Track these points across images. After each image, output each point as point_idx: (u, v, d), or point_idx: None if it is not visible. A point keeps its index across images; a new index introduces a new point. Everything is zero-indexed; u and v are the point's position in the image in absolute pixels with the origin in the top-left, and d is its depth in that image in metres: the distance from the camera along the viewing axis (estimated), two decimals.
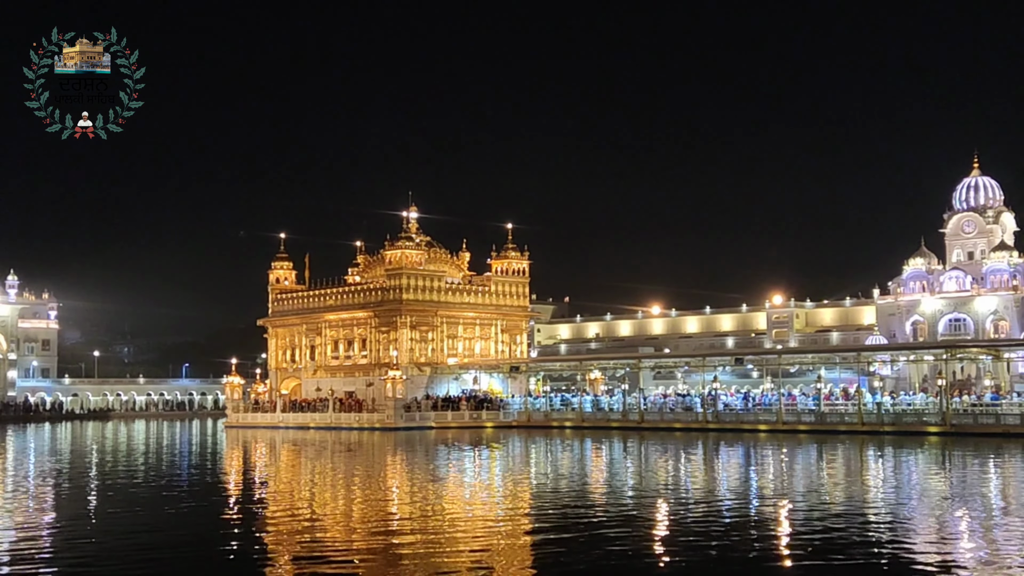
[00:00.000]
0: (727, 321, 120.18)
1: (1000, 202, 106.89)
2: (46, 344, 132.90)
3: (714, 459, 40.94)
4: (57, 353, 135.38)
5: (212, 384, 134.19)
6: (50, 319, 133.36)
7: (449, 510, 24.54)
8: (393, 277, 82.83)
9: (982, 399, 60.37)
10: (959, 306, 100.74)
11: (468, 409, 76.10)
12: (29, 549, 18.73)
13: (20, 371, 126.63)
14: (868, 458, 40.28)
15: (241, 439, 63.41)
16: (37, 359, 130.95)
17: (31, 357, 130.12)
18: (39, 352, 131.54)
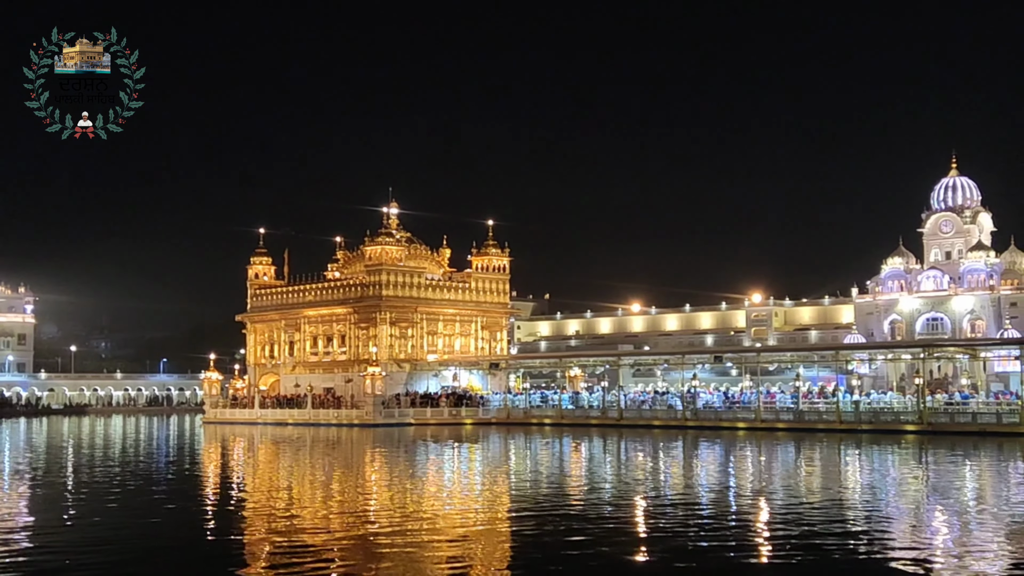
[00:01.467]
0: (707, 319, 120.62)
1: (977, 202, 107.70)
2: (22, 338, 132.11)
3: (693, 457, 41.04)
4: (33, 347, 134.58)
5: (190, 379, 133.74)
6: (26, 313, 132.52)
7: (427, 507, 24.50)
8: (373, 273, 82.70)
9: (952, 398, 60.74)
10: (936, 305, 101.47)
11: (447, 406, 76.02)
12: None
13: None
14: (845, 456, 40.46)
15: (219, 435, 63.15)
16: (12, 353, 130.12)
17: (6, 352, 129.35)
18: (15, 346, 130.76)
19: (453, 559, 16.89)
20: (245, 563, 17.02)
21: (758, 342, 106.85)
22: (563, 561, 16.68)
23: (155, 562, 17.04)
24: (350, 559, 16.99)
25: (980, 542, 18.21)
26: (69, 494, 28.17)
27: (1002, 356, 74.30)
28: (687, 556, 16.74)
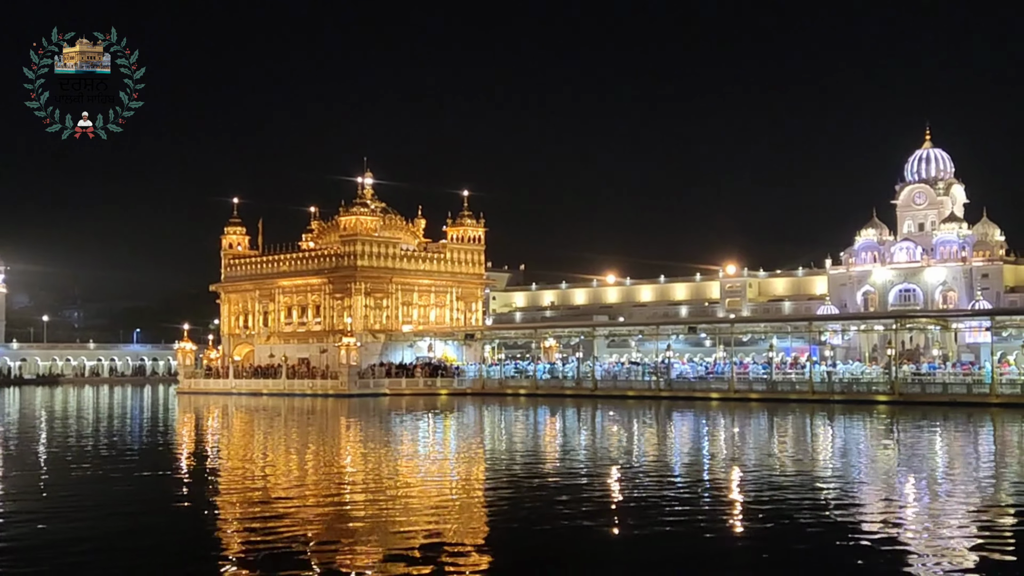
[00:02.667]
0: (681, 290, 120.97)
1: (951, 174, 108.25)
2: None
3: (667, 427, 41.25)
4: (4, 317, 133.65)
5: (164, 350, 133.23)
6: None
7: (402, 476, 24.55)
8: (348, 243, 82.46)
9: (920, 368, 61.27)
10: (909, 277, 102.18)
11: (422, 376, 76.09)
12: None
13: None
14: (818, 426, 40.77)
15: (193, 405, 63.01)
16: None
17: None
18: None
19: (428, 529, 16.93)
20: (220, 532, 16.99)
21: (732, 313, 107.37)
22: (538, 530, 16.73)
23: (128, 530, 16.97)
24: (325, 528, 16.99)
25: (949, 509, 18.40)
26: (42, 464, 28.04)
27: (973, 327, 74.92)
28: (661, 525, 16.85)
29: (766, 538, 16.04)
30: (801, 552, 14.92)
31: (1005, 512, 18.41)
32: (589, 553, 15.06)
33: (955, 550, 14.93)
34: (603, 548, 15.52)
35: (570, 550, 15.23)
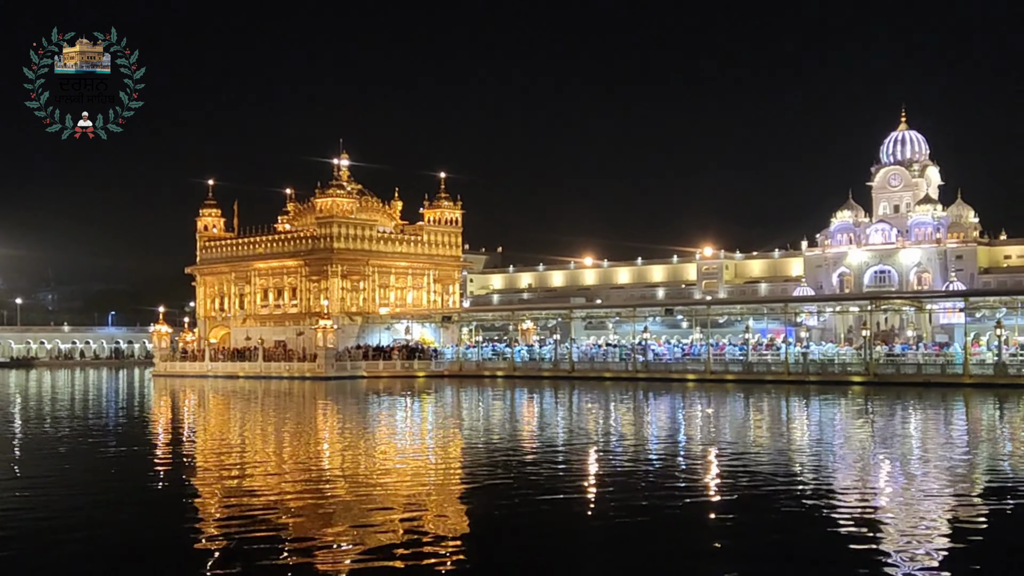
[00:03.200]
0: (658, 272, 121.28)
1: (926, 156, 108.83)
2: None
3: (643, 408, 41.39)
4: None
5: (139, 332, 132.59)
6: None
7: (379, 459, 24.55)
8: (324, 225, 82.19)
9: (893, 350, 61.70)
10: (884, 258, 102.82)
11: (400, 359, 76.12)
12: None
13: None
14: (792, 407, 41.00)
15: (169, 388, 62.77)
16: None
17: None
18: None
19: (405, 513, 16.93)
20: (196, 517, 16.94)
21: (708, 295, 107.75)
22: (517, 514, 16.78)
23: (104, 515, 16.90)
24: (302, 512, 16.97)
25: (923, 488, 18.56)
26: (16, 448, 27.86)
27: (947, 308, 75.54)
28: (639, 505, 16.91)
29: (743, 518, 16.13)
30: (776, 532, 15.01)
31: (976, 491, 18.59)
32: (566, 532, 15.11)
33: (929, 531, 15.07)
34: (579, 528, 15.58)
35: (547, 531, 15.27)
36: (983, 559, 13.28)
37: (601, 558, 13.73)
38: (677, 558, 13.48)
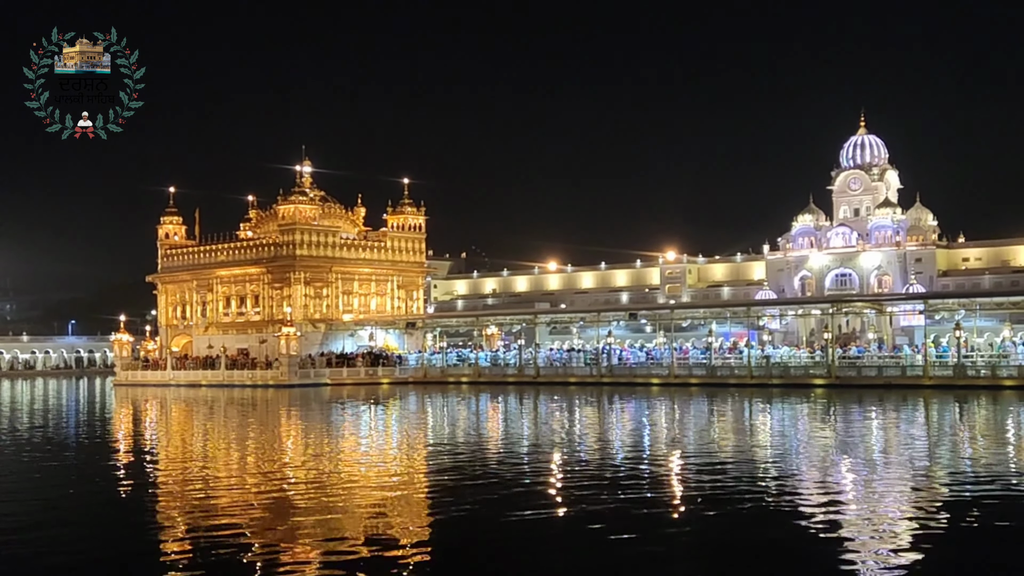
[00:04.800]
0: (622, 277, 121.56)
1: (885, 160, 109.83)
2: None
3: (608, 412, 41.45)
4: None
5: (100, 342, 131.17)
6: None
7: (344, 467, 24.44)
8: (286, 232, 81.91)
9: (848, 352, 62.21)
10: (845, 261, 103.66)
11: (364, 365, 75.81)
12: None
13: None
14: (756, 410, 41.21)
15: (131, 397, 62.18)
16: None
17: None
18: None
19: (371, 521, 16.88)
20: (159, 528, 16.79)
21: (672, 299, 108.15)
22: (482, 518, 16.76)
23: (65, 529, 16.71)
24: (267, 523, 16.86)
25: (884, 488, 18.72)
26: None
27: (907, 311, 76.21)
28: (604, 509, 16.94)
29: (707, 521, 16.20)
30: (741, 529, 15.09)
31: (938, 491, 18.76)
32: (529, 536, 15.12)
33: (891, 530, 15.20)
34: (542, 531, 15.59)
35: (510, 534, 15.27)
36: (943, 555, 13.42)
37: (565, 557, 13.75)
38: (643, 556, 13.51)
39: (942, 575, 12.76)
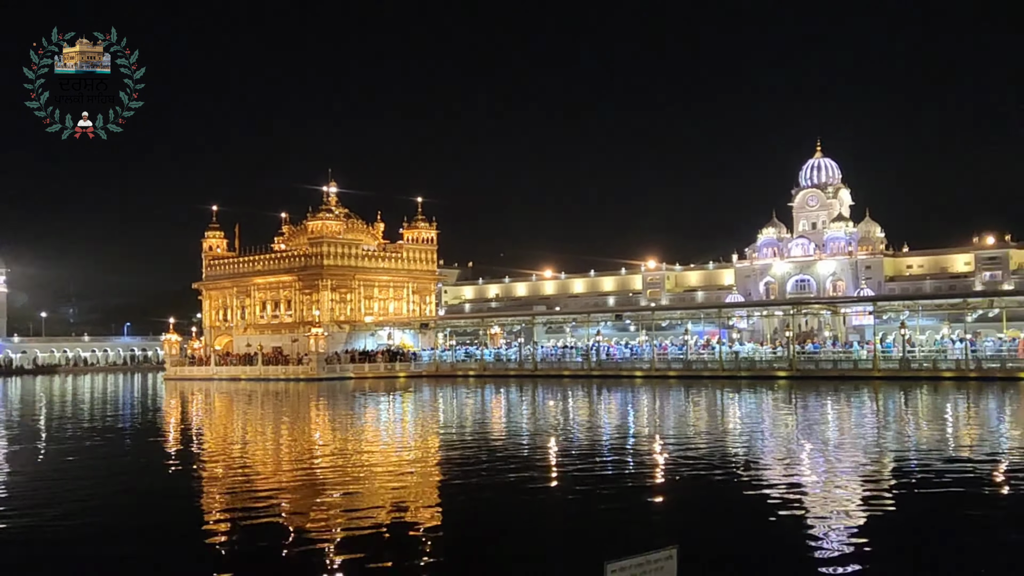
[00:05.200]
0: (608, 283, 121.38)
1: (838, 180, 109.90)
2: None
3: (597, 401, 41.52)
4: (6, 314, 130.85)
5: (152, 341, 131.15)
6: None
7: (366, 447, 24.54)
8: (315, 245, 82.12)
9: (807, 348, 62.24)
10: (804, 269, 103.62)
11: (383, 361, 75.83)
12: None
13: None
14: (727, 399, 41.28)
15: (179, 390, 62.23)
16: None
17: None
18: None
19: (389, 495, 16.98)
20: (203, 501, 16.91)
21: (653, 302, 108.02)
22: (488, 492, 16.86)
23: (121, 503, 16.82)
24: (297, 494, 16.96)
25: (838, 462, 18.83)
26: (40, 445, 27.58)
27: (858, 312, 76.30)
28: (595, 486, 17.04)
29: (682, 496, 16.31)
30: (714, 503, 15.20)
31: (885, 465, 18.88)
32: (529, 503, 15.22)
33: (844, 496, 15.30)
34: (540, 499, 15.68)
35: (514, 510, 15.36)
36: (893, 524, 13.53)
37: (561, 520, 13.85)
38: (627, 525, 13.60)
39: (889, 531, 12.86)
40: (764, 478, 17.51)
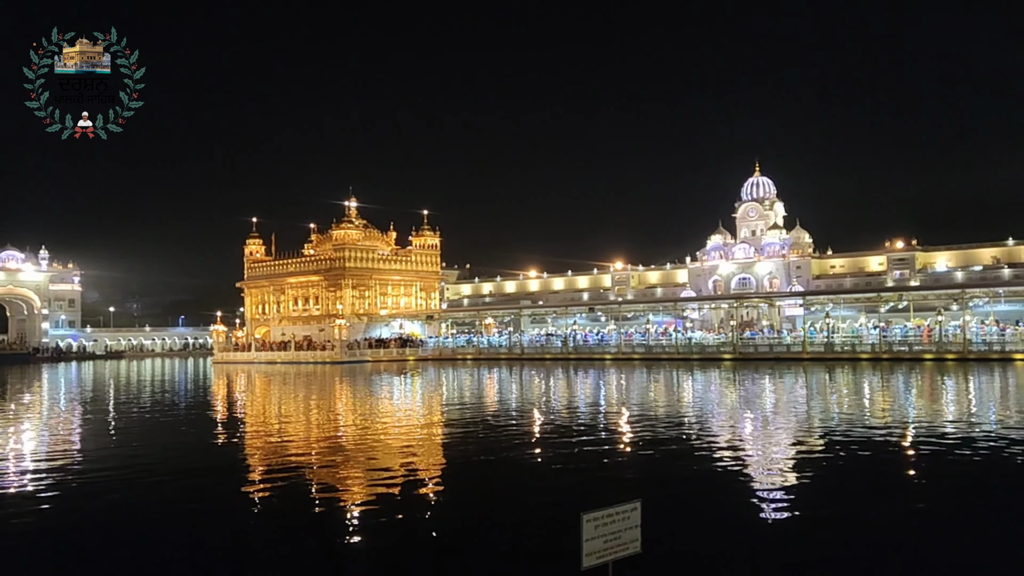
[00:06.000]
0: (583, 281, 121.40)
1: (774, 195, 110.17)
2: (71, 302, 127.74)
3: (574, 380, 41.53)
4: (80, 309, 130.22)
5: (202, 331, 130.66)
6: (74, 283, 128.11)
7: (381, 417, 24.46)
8: (338, 251, 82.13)
9: (745, 335, 62.36)
10: (745, 269, 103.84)
11: (395, 347, 75.79)
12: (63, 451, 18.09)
13: (52, 323, 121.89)
14: (681, 377, 41.35)
15: (225, 371, 61.97)
16: (64, 313, 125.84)
17: (60, 312, 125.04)
18: (66, 308, 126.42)
19: (400, 457, 16.94)
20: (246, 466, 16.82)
21: (620, 297, 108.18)
22: (485, 455, 16.84)
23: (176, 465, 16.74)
24: (324, 454, 16.90)
25: (775, 430, 18.86)
26: (110, 419, 27.43)
27: (790, 304, 76.53)
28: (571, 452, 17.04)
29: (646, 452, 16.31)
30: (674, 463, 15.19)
31: (814, 431, 18.92)
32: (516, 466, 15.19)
33: (780, 458, 15.32)
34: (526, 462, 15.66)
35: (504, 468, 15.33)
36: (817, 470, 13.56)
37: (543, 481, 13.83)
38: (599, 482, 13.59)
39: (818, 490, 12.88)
40: (714, 441, 17.53)
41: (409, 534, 10.60)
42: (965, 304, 55.84)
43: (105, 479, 14.61)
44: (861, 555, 9.46)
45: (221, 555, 10.02)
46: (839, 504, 11.85)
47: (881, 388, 31.86)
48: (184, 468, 15.90)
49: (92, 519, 11.83)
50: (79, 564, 9.88)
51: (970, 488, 12.72)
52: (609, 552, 7.26)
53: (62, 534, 11.06)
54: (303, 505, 12.32)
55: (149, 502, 12.84)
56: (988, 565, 9.23)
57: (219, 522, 11.51)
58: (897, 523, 10.76)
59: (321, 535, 10.66)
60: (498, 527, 10.88)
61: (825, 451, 16.03)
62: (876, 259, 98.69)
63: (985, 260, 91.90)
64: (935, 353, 50.24)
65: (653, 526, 8.25)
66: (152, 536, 10.85)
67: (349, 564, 9.60)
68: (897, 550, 9.63)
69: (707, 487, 13.14)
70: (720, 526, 10.72)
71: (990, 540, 10.10)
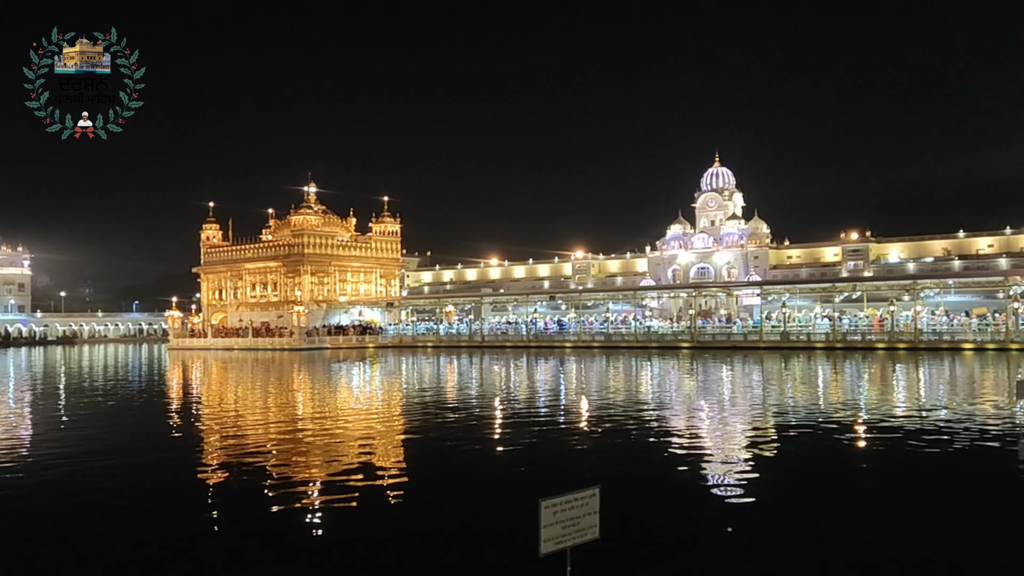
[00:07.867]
0: (544, 269, 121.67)
1: (733, 185, 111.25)
2: (21, 286, 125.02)
3: (534, 368, 41.59)
4: (31, 293, 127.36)
5: (157, 317, 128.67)
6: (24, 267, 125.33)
7: (340, 405, 24.27)
8: (297, 236, 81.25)
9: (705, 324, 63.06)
10: (704, 258, 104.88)
11: (355, 334, 75.31)
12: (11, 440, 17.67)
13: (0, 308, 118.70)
14: (640, 365, 41.63)
15: (181, 358, 61.03)
16: (14, 298, 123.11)
17: (9, 296, 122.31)
18: (15, 292, 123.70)
19: (358, 447, 16.82)
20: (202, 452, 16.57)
21: (580, 285, 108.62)
22: (440, 440, 16.80)
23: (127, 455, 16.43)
24: (281, 444, 16.71)
25: (730, 416, 19.08)
26: (59, 406, 26.84)
27: (748, 294, 77.47)
28: (532, 439, 17.06)
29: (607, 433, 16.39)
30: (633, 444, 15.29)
31: (769, 417, 19.18)
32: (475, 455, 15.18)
33: (736, 442, 15.50)
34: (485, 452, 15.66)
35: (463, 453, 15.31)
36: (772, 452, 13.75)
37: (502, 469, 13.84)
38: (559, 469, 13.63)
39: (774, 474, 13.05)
40: (671, 426, 17.68)
41: (364, 522, 10.53)
42: (917, 295, 57.03)
43: (46, 477, 14.29)
44: (817, 536, 9.62)
45: (170, 553, 9.85)
46: (795, 487, 12.03)
47: (833, 376, 32.40)
48: (135, 463, 15.62)
49: (24, 516, 11.55)
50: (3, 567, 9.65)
51: (917, 468, 13.00)
52: (568, 538, 7.27)
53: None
54: (256, 496, 12.16)
55: (89, 497, 12.57)
56: (936, 535, 9.45)
57: (171, 518, 11.31)
58: (852, 504, 10.96)
59: (275, 526, 10.53)
60: (456, 514, 10.85)
61: (780, 436, 16.26)
62: (831, 250, 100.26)
63: (936, 252, 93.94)
64: (887, 343, 51.25)
65: (612, 512, 8.28)
66: (94, 534, 10.62)
67: (304, 555, 9.50)
68: (852, 530, 9.80)
69: (666, 473, 13.24)
70: (679, 511, 10.82)
71: (939, 516, 10.34)
